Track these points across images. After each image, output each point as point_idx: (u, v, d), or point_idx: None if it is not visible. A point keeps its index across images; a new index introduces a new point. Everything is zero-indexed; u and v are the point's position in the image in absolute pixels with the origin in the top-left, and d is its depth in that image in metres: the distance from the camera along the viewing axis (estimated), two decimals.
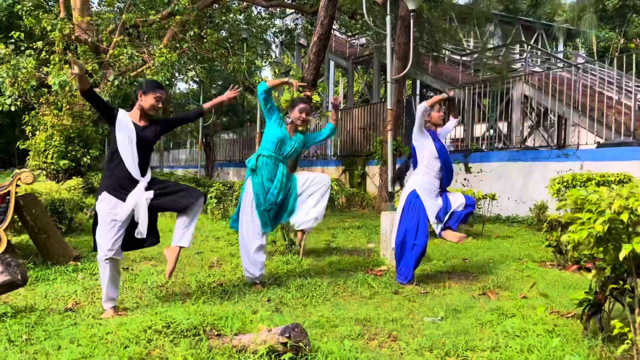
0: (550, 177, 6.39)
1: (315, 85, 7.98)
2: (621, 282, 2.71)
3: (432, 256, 5.89)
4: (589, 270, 3.06)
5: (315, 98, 7.74)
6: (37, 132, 12.70)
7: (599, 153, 9.67)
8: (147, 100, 3.75)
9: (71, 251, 5.48)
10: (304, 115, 4.53)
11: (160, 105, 3.82)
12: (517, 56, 19.48)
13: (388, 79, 9.15)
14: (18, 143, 13.26)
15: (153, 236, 3.86)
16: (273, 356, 2.57)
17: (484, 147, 13.07)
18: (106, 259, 3.61)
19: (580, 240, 2.56)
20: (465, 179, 12.06)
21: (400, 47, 11.10)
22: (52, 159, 12.43)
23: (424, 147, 4.72)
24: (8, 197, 4.93)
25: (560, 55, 21.23)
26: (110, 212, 3.62)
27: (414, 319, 3.57)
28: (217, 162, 26.07)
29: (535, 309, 3.65)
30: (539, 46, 22.60)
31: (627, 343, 2.51)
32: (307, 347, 2.57)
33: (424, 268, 5.28)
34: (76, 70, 3.46)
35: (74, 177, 10.21)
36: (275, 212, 4.55)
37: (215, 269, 5.26)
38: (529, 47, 17.70)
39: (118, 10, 16.07)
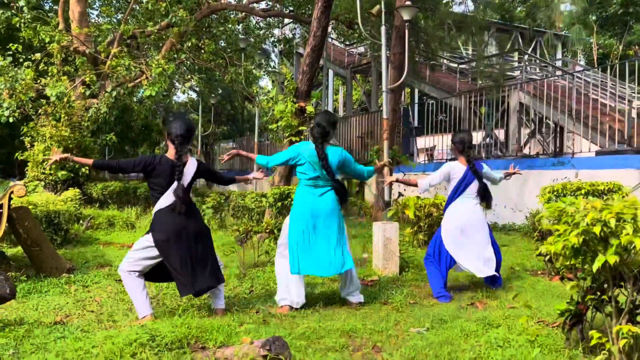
0: (542, 186, 6.42)
1: (309, 96, 8.04)
2: (599, 293, 2.74)
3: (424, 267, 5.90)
4: (571, 280, 3.08)
5: (309, 109, 7.79)
6: (36, 143, 12.76)
7: (594, 161, 9.70)
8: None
9: (64, 263, 5.51)
10: None
11: None
12: (516, 64, 19.56)
13: (383, 88, 9.25)
14: (17, 154, 13.32)
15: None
16: None
17: (489, 155, 13.13)
18: None
19: (557, 252, 2.59)
20: None
21: (395, 56, 11.16)
22: (50, 169, 12.47)
23: None
24: (0, 210, 4.97)
25: (559, 63, 21.30)
26: None
27: (400, 329, 3.59)
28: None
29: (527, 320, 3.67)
30: (538, 54, 22.69)
31: (604, 354, 2.53)
32: (288, 359, 2.60)
33: (416, 278, 5.30)
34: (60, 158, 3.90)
35: (70, 188, 10.23)
36: (307, 246, 4.20)
37: None
38: (525, 55, 17.77)
39: (116, 22, 16.17)
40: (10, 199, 5.05)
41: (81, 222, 8.98)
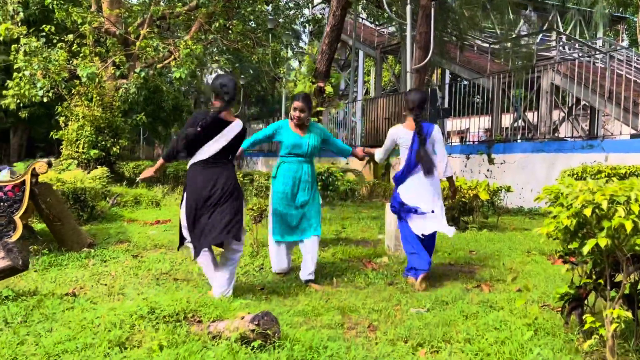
0: (562, 169, 6.27)
1: (328, 76, 8.01)
2: (594, 277, 2.68)
3: (439, 248, 5.86)
4: (574, 264, 3.01)
5: (328, 89, 7.76)
6: (70, 122, 13.12)
7: (624, 144, 9.38)
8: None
9: (85, 238, 5.70)
10: (297, 113, 4.47)
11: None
12: (554, 43, 18.91)
13: (407, 68, 9.17)
14: (52, 133, 13.74)
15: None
16: (244, 343, 2.66)
17: (517, 138, 12.86)
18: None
19: (551, 233, 2.54)
20: (488, 170, 11.88)
21: (421, 36, 10.97)
22: (83, 148, 12.84)
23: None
24: (24, 186, 5.16)
25: (600, 42, 20.51)
26: None
27: (401, 309, 3.60)
28: (247, 152, 26.37)
29: (526, 302, 3.62)
30: (577, 33, 21.90)
31: (595, 338, 2.48)
32: (276, 334, 2.64)
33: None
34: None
35: (99, 167, 10.53)
36: (294, 221, 4.47)
37: None
38: (560, 34, 17.19)
39: (146, 3, 16.35)
40: (32, 175, 5.24)
41: (107, 199, 9.23)
